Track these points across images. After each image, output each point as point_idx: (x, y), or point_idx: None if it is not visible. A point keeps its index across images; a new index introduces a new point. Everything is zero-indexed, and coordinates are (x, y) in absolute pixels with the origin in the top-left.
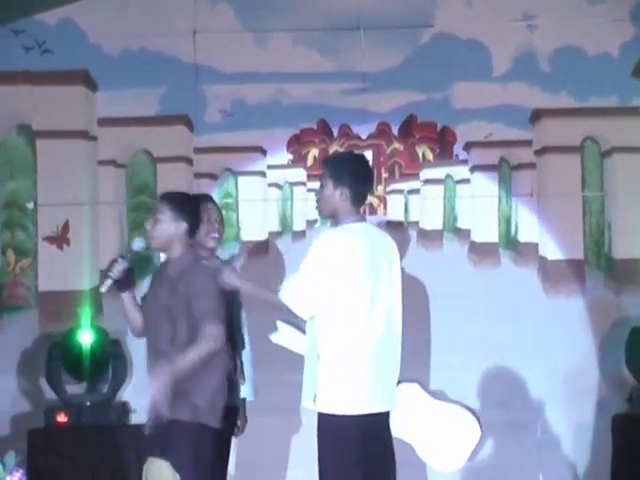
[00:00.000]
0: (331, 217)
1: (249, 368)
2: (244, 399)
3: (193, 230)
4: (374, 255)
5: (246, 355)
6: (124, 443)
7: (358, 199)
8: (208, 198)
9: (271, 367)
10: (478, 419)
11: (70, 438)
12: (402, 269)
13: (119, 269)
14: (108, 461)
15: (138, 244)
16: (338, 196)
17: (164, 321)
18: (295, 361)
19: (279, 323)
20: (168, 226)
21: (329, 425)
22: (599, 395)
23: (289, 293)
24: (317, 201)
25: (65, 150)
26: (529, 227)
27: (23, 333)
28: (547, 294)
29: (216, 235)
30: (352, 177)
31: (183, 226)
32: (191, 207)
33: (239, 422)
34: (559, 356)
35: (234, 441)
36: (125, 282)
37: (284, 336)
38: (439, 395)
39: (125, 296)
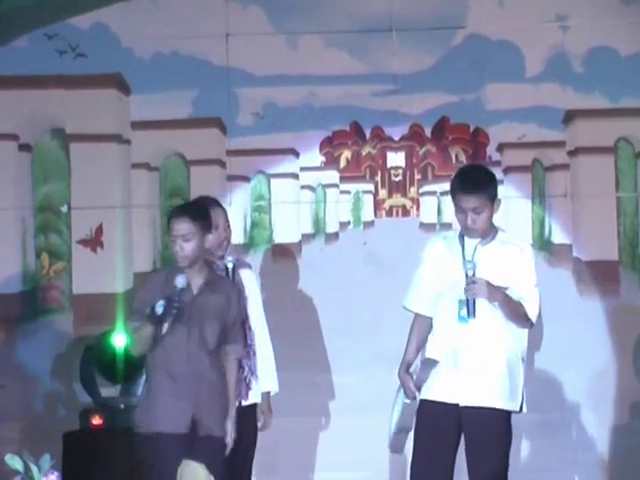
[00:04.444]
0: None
1: (271, 362)
2: (268, 392)
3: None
4: None
5: (267, 349)
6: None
7: None
8: (214, 202)
9: (291, 368)
10: None
11: (105, 441)
12: None
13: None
14: (142, 463)
15: (181, 281)
16: (497, 208)
17: (215, 333)
18: (313, 363)
19: None
20: (200, 243)
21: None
22: (634, 396)
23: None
24: (470, 226)
25: (98, 153)
26: (563, 228)
27: (57, 336)
28: (581, 295)
29: (226, 243)
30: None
31: (209, 238)
32: (209, 217)
33: (262, 418)
34: (594, 357)
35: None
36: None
37: None
38: None
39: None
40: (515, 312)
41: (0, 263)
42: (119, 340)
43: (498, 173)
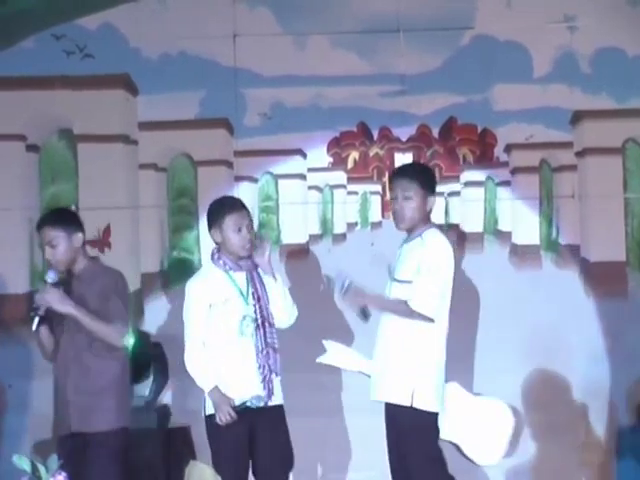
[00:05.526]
0: (411, 227)
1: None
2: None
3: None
4: None
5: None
6: (166, 446)
7: None
8: (239, 203)
9: (299, 369)
10: (514, 411)
11: None
12: None
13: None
14: (150, 464)
15: (51, 276)
16: (430, 205)
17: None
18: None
19: (327, 343)
20: (68, 245)
21: None
22: None
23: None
24: (397, 212)
25: (106, 154)
26: (570, 229)
27: None
28: (589, 296)
29: (248, 245)
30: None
31: (79, 237)
32: (70, 218)
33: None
34: (601, 358)
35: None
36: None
37: (333, 356)
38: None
39: (43, 328)
40: (392, 310)
41: (7, 263)
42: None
43: (506, 174)
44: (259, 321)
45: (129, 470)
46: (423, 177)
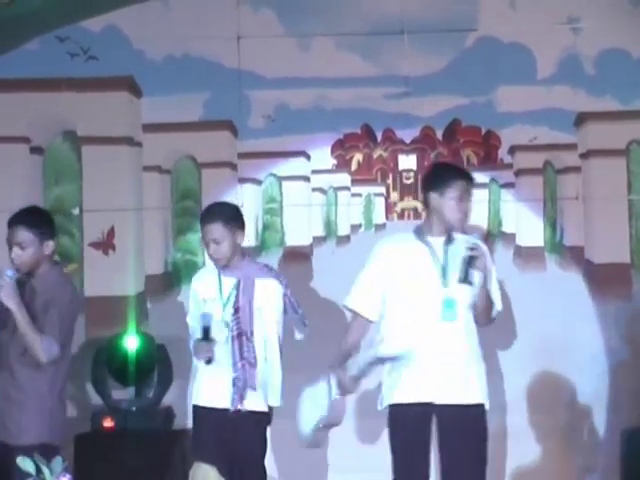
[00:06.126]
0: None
1: (277, 378)
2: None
3: None
4: None
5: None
6: (170, 448)
7: None
8: (206, 218)
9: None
10: None
11: (116, 443)
12: None
13: None
14: (154, 466)
15: (9, 274)
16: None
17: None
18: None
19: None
20: (36, 251)
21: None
22: None
23: None
24: (466, 213)
25: (110, 156)
26: (575, 231)
27: None
28: (593, 298)
29: (219, 258)
30: None
31: (49, 245)
32: (46, 223)
33: None
34: (606, 360)
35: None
36: None
37: None
38: None
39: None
40: (489, 303)
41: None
42: (131, 342)
43: (510, 176)
44: (234, 332)
45: (138, 472)
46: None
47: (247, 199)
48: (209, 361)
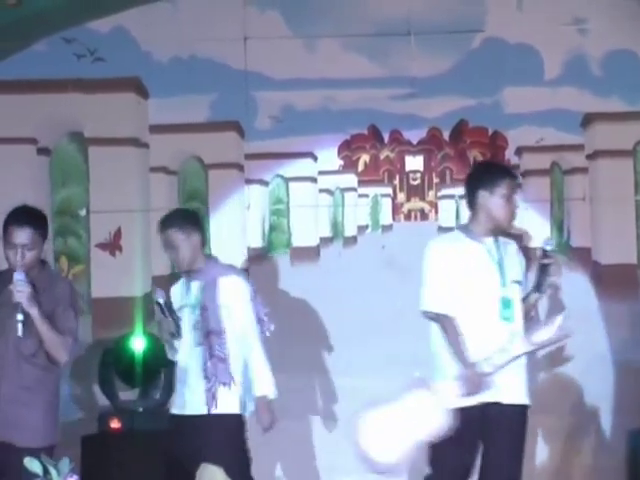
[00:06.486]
0: None
1: (264, 368)
2: (264, 397)
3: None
4: None
5: (259, 356)
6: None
7: None
8: (162, 225)
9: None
10: None
11: (123, 444)
12: None
13: None
14: (161, 467)
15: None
16: None
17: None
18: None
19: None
20: (39, 252)
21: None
22: None
23: None
24: (513, 212)
25: (117, 157)
26: (582, 232)
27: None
28: (600, 299)
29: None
30: None
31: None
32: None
33: (265, 420)
34: (613, 361)
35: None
36: None
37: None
38: None
39: None
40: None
41: None
42: (138, 343)
43: None
44: (203, 331)
45: (145, 472)
46: None
47: (254, 200)
48: (173, 335)
